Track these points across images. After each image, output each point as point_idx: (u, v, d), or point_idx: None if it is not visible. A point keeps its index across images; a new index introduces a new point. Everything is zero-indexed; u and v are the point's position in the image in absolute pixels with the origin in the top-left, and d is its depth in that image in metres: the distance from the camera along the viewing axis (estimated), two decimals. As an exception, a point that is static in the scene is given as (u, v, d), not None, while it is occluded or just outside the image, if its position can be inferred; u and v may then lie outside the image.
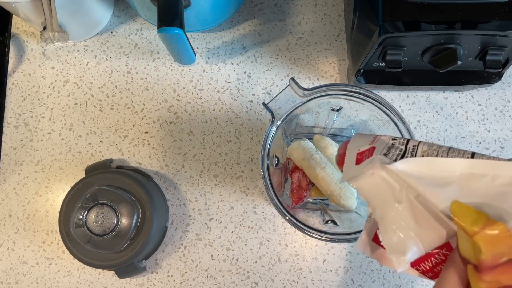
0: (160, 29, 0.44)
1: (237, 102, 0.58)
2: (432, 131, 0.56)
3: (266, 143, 0.42)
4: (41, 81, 0.60)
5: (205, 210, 0.56)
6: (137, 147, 0.58)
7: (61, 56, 0.60)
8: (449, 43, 0.44)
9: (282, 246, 0.55)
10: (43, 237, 0.56)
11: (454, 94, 0.57)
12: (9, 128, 0.59)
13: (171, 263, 0.55)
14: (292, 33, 0.60)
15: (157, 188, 0.56)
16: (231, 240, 0.55)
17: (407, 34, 0.42)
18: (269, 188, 0.42)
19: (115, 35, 0.61)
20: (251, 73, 0.59)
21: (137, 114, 0.58)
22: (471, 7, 0.41)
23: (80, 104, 0.59)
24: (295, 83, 0.41)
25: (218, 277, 0.54)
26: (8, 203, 0.57)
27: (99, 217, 0.49)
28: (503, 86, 0.57)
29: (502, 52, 0.45)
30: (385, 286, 0.54)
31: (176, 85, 0.59)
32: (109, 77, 0.59)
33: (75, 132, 0.58)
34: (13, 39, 0.61)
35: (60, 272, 0.55)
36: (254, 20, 0.60)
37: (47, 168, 0.58)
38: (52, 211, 0.57)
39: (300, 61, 0.59)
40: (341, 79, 0.58)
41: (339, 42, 0.59)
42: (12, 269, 0.56)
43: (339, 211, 0.51)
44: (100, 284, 0.55)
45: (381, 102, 0.42)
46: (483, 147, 0.56)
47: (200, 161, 0.57)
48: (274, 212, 0.55)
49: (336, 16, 0.60)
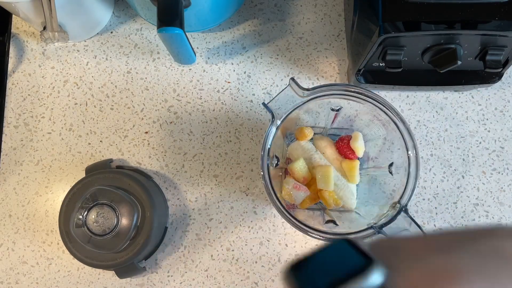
0: (160, 29, 0.44)
1: (237, 102, 0.58)
2: (432, 131, 0.56)
3: (266, 143, 0.42)
4: (41, 81, 0.60)
5: (205, 210, 0.56)
6: (137, 147, 0.58)
7: (61, 56, 0.60)
8: (449, 43, 0.44)
9: (282, 246, 0.55)
10: (43, 237, 0.56)
11: (454, 94, 0.57)
12: (9, 128, 0.59)
13: (171, 263, 0.55)
14: (292, 33, 0.59)
15: (157, 188, 0.56)
16: (231, 240, 0.55)
17: (407, 34, 0.42)
18: (269, 188, 0.42)
19: (115, 35, 0.61)
20: (251, 73, 0.59)
21: (137, 114, 0.58)
22: (471, 7, 0.41)
23: (80, 104, 0.59)
24: (295, 83, 0.41)
25: (218, 277, 0.54)
26: (8, 203, 0.57)
27: (99, 217, 0.49)
28: (503, 86, 0.57)
29: (502, 52, 0.45)
30: (385, 286, 0.53)
31: (176, 85, 0.59)
32: (109, 77, 0.59)
33: (75, 132, 0.58)
34: (13, 39, 0.61)
35: (60, 272, 0.55)
36: (254, 20, 0.60)
37: (47, 168, 0.58)
38: (52, 211, 0.57)
39: (300, 61, 0.59)
40: (341, 79, 0.58)
41: (339, 42, 0.59)
42: (12, 269, 0.56)
43: (339, 211, 0.51)
44: (100, 284, 0.55)
45: (381, 102, 0.42)
46: (483, 147, 0.56)
47: (200, 161, 0.57)
48: (274, 212, 0.55)
49: (336, 16, 0.60)
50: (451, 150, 0.56)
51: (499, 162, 0.56)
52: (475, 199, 0.55)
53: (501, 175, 0.55)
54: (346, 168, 0.49)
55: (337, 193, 0.48)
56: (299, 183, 0.48)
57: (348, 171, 0.49)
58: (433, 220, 0.55)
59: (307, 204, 0.49)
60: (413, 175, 0.41)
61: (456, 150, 0.56)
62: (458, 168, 0.56)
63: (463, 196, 0.55)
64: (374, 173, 0.51)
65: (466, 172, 0.56)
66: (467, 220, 0.54)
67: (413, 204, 0.55)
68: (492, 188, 0.55)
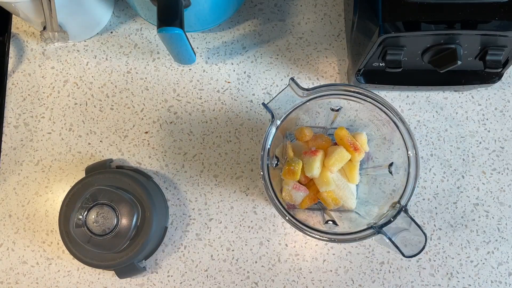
0: (160, 29, 0.44)
1: (237, 102, 0.58)
2: (432, 131, 0.56)
3: (266, 143, 0.42)
4: (41, 81, 0.60)
5: (205, 210, 0.56)
6: (137, 147, 0.58)
7: (61, 56, 0.60)
8: (449, 43, 0.44)
9: (282, 246, 0.55)
10: (43, 237, 0.56)
11: (454, 94, 0.57)
12: (9, 128, 0.59)
13: (171, 263, 0.55)
14: (292, 33, 0.60)
15: (157, 188, 0.56)
16: (231, 240, 0.55)
17: (407, 34, 0.42)
18: (269, 188, 0.42)
19: (115, 35, 0.61)
20: (251, 73, 0.59)
21: (137, 114, 0.58)
22: (471, 7, 0.41)
23: (80, 104, 0.59)
24: (295, 83, 0.41)
25: (218, 277, 0.54)
26: (8, 203, 0.57)
27: (99, 217, 0.49)
28: (503, 86, 0.57)
29: (502, 52, 0.45)
30: (385, 286, 0.54)
31: (176, 85, 0.59)
32: (109, 77, 0.59)
33: (75, 132, 0.58)
34: (13, 39, 0.61)
35: (60, 272, 0.55)
36: (254, 20, 0.60)
37: (47, 168, 0.58)
38: (52, 211, 0.57)
39: (300, 61, 0.59)
40: (341, 79, 0.58)
41: (339, 42, 0.59)
42: (12, 269, 0.56)
43: (339, 211, 0.51)
44: (100, 284, 0.55)
45: (381, 102, 0.42)
46: (483, 147, 0.56)
47: (200, 161, 0.57)
48: (274, 212, 0.55)
49: (336, 16, 0.60)
50: (451, 150, 0.56)
51: (499, 162, 0.56)
52: (475, 199, 0.55)
53: (501, 175, 0.55)
54: (346, 168, 0.49)
55: (337, 193, 0.48)
56: (299, 183, 0.48)
57: (348, 171, 0.49)
58: (433, 220, 0.55)
59: (307, 204, 0.49)
60: (413, 175, 0.41)
61: (456, 150, 0.56)
62: (458, 168, 0.56)
63: (463, 196, 0.55)
64: (374, 173, 0.51)
65: (466, 172, 0.56)
66: (467, 220, 0.54)
67: (413, 204, 0.55)
68: (492, 188, 0.55)
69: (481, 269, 0.54)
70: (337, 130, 0.48)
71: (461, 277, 0.54)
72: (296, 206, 0.49)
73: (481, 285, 0.53)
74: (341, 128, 0.47)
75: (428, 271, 0.54)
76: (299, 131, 0.49)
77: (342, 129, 0.47)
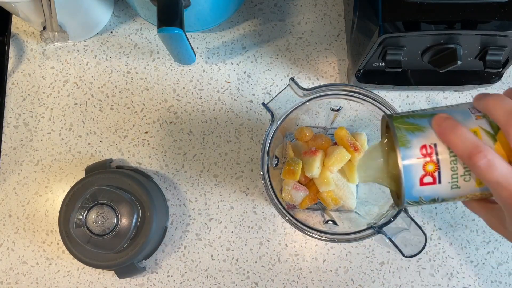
0: (160, 29, 0.44)
1: (237, 102, 0.58)
2: (432, 131, 0.56)
3: (266, 143, 0.42)
4: (41, 81, 0.60)
5: (205, 210, 0.56)
6: (137, 147, 0.58)
7: (61, 56, 0.60)
8: (449, 43, 0.44)
9: (282, 246, 0.55)
10: (43, 237, 0.56)
11: (454, 94, 0.57)
12: (9, 128, 0.59)
13: (171, 263, 0.55)
14: (292, 33, 0.60)
15: (157, 188, 0.56)
16: (231, 240, 0.55)
17: (407, 34, 0.42)
18: (269, 188, 0.42)
19: (115, 35, 0.61)
20: (251, 73, 0.59)
21: (137, 114, 0.58)
22: (471, 7, 0.41)
23: (80, 104, 0.59)
24: (294, 83, 0.41)
25: (218, 277, 0.54)
26: (8, 203, 0.57)
27: (99, 217, 0.49)
28: (503, 86, 0.57)
29: (502, 52, 0.45)
30: (385, 286, 0.54)
31: (176, 85, 0.59)
32: (109, 77, 0.59)
33: (75, 132, 0.58)
34: (13, 39, 0.61)
35: (60, 272, 0.55)
36: (254, 20, 0.60)
37: (47, 168, 0.58)
38: (52, 211, 0.57)
39: (300, 61, 0.59)
40: (341, 79, 0.58)
41: (339, 42, 0.59)
42: (12, 269, 0.56)
43: (339, 211, 0.51)
44: (100, 284, 0.55)
45: (381, 102, 0.42)
46: (483, 147, 0.56)
47: (200, 161, 0.57)
48: (274, 212, 0.55)
49: (336, 16, 0.60)
50: (451, 150, 0.56)
51: (499, 162, 0.56)
52: (475, 199, 0.55)
53: (501, 175, 0.55)
54: (346, 168, 0.49)
55: (336, 193, 0.48)
56: (298, 183, 0.48)
57: (348, 171, 0.49)
58: (433, 220, 0.55)
59: (307, 204, 0.49)
60: (413, 175, 0.41)
61: (456, 150, 0.56)
62: (458, 168, 0.56)
63: (463, 196, 0.55)
64: (374, 173, 0.51)
65: (466, 172, 0.55)
66: (467, 220, 0.54)
67: (413, 204, 0.55)
68: (492, 188, 0.55)
69: (481, 269, 0.54)
70: (337, 130, 0.48)
71: (461, 277, 0.54)
72: (296, 206, 0.49)
73: (481, 285, 0.53)
74: (341, 128, 0.47)
75: (428, 271, 0.54)
76: (299, 131, 0.49)
77: (342, 129, 0.47)
